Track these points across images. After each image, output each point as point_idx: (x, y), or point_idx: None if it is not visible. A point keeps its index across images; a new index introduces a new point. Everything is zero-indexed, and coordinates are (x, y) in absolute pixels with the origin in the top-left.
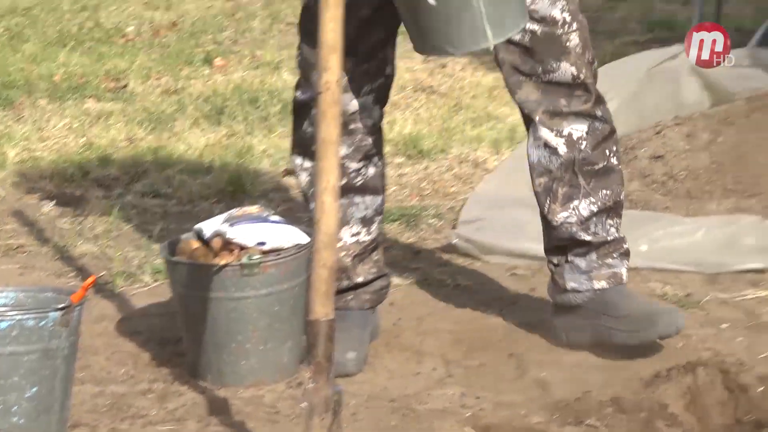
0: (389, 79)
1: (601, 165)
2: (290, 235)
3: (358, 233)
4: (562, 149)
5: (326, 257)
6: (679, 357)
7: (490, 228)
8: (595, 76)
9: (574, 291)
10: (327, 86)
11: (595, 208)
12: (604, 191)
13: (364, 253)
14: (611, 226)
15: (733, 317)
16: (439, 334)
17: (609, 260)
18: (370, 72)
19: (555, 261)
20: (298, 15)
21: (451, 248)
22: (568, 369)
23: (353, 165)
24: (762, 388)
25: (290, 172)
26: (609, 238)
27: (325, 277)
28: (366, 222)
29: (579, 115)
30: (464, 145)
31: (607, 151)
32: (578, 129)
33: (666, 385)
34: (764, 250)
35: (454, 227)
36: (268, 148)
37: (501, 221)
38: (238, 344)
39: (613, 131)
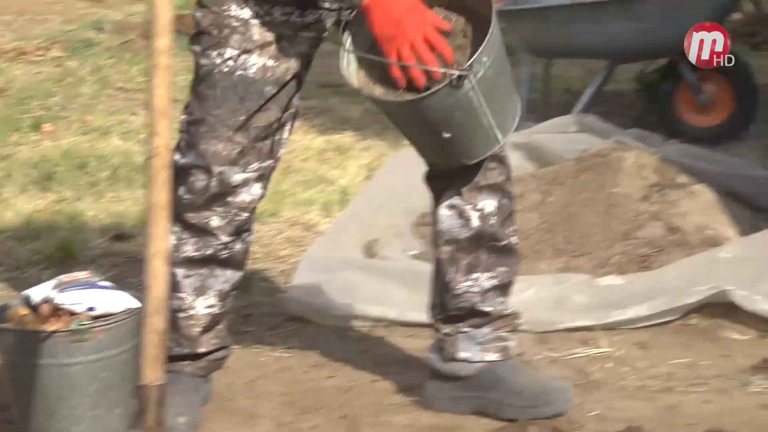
0: (278, 162)
1: (504, 242)
2: (120, 300)
3: (212, 306)
4: (475, 222)
5: (156, 322)
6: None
7: (321, 290)
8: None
9: (466, 361)
10: (157, 151)
11: (496, 282)
12: (503, 268)
13: (211, 324)
14: (505, 301)
15: (563, 375)
16: (271, 397)
17: (502, 333)
18: (262, 151)
19: (447, 330)
20: (132, 80)
21: (282, 311)
22: (399, 430)
23: (223, 238)
24: None
25: (119, 237)
26: (506, 312)
27: (156, 342)
28: (223, 296)
29: (493, 189)
30: (295, 208)
31: (510, 229)
32: (490, 204)
33: None
34: (594, 308)
35: (285, 291)
36: (98, 213)
37: (332, 283)
38: (69, 410)
39: (515, 209)
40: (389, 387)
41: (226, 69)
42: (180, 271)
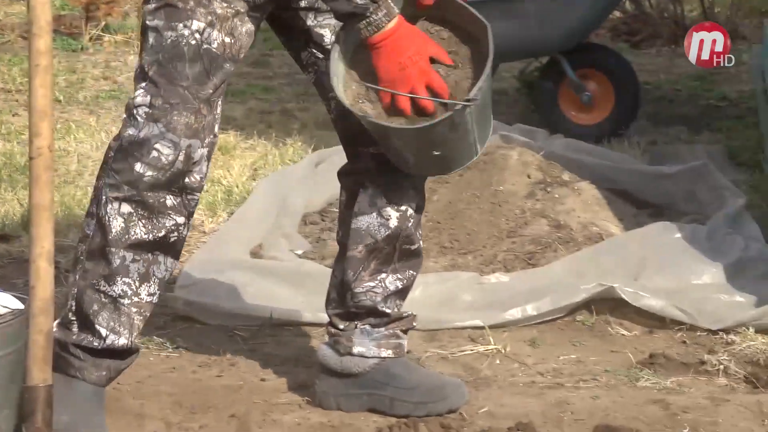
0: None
1: (416, 246)
2: (4, 302)
3: (153, 294)
4: (394, 223)
5: (42, 323)
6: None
7: (209, 290)
8: None
9: (361, 356)
10: (39, 152)
11: (400, 285)
12: (410, 272)
13: (148, 315)
14: (402, 304)
15: (452, 372)
16: (159, 397)
17: (398, 332)
18: (214, 127)
19: (342, 326)
20: (14, 80)
21: (170, 311)
22: (289, 428)
23: (178, 219)
24: None
25: (2, 237)
26: (404, 315)
27: (42, 343)
28: (162, 285)
29: (416, 190)
30: None
31: (420, 233)
32: (411, 205)
33: None
34: (481, 306)
35: (172, 290)
36: None
37: (220, 284)
38: None
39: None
40: (278, 386)
41: (193, 42)
42: (128, 255)
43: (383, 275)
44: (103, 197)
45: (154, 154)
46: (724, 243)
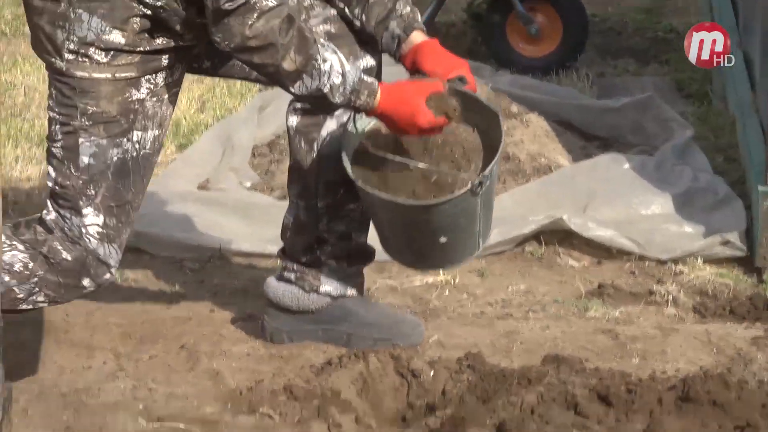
0: None
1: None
2: None
3: None
4: None
5: None
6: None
7: (157, 221)
8: None
9: (327, 295)
10: None
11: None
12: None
13: None
14: (365, 237)
15: (402, 303)
16: (108, 329)
17: (362, 270)
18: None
19: (305, 259)
20: None
21: None
22: (239, 359)
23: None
24: (432, 373)
25: None
26: (369, 250)
27: None
28: None
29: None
30: None
31: None
32: None
33: (338, 372)
34: None
35: None
36: None
37: (168, 215)
38: None
39: None
40: (227, 317)
41: (134, 153)
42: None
43: (353, 205)
44: (35, 289)
45: (107, 276)
46: (673, 174)
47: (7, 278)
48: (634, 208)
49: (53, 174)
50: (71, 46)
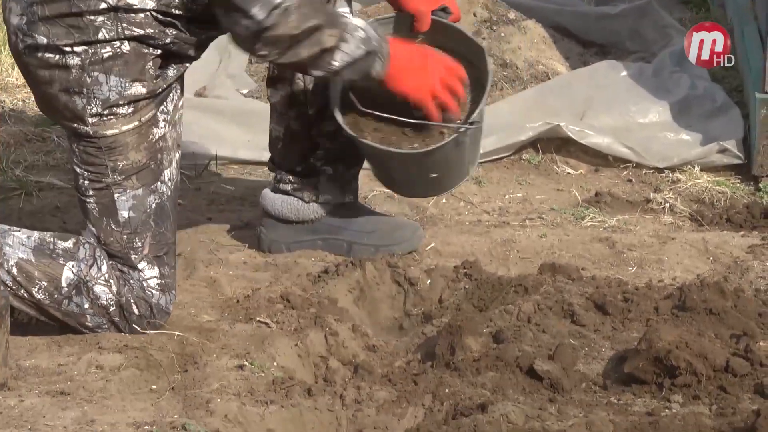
0: None
1: None
2: None
3: None
4: None
5: None
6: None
7: None
8: None
9: (326, 203)
10: None
11: None
12: None
13: None
14: None
15: (399, 212)
16: None
17: (355, 171)
18: None
19: (300, 169)
20: None
21: None
22: (236, 267)
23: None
24: (429, 281)
25: None
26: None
27: None
28: None
29: None
30: None
31: None
32: None
33: (335, 281)
34: None
35: None
36: None
37: None
38: None
39: None
40: (224, 225)
41: (170, 192)
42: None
43: None
44: (104, 325)
45: (165, 319)
46: (670, 81)
47: (87, 305)
48: (632, 116)
49: (94, 230)
50: (94, 110)
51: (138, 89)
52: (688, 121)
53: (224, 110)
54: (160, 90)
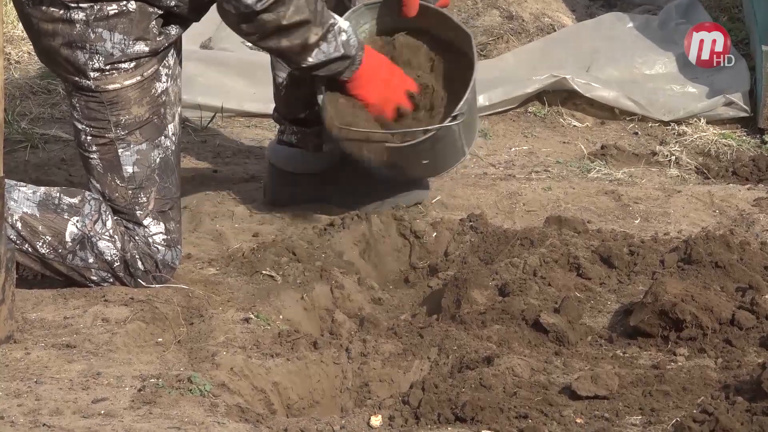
0: None
1: None
2: None
3: None
4: None
5: None
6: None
7: None
8: None
9: (330, 154)
10: None
11: None
12: None
13: None
14: None
15: None
16: None
17: None
18: None
19: (303, 115)
20: None
21: None
22: (242, 220)
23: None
24: (435, 234)
25: None
26: None
27: None
28: None
29: None
30: None
31: None
32: None
33: (341, 234)
34: None
35: None
36: None
37: None
38: None
39: None
40: (229, 177)
41: (174, 147)
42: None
43: None
44: (109, 279)
45: (171, 275)
46: (676, 33)
47: (91, 260)
48: (638, 68)
49: (98, 186)
50: (96, 65)
51: (141, 47)
52: (694, 73)
53: (230, 62)
54: (162, 48)
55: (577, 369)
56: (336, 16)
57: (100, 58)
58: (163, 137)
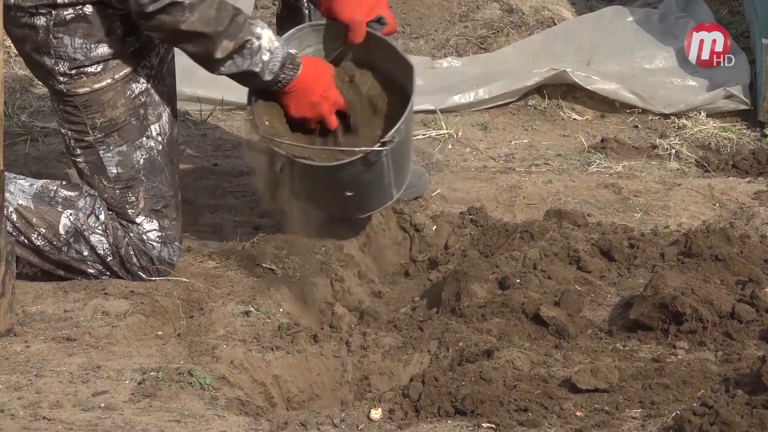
0: None
1: None
2: None
3: None
4: None
5: None
6: None
7: None
8: None
9: None
10: None
11: None
12: None
13: None
14: None
15: None
16: None
17: None
18: None
19: None
20: None
21: None
22: (241, 213)
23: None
24: (435, 227)
25: None
26: None
27: None
28: None
29: None
30: None
31: None
32: None
33: (341, 227)
34: (433, 90)
35: None
36: None
37: None
38: None
39: None
40: (229, 170)
41: (159, 147)
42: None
43: None
44: (106, 273)
45: (170, 271)
46: (677, 26)
47: (86, 252)
48: (638, 62)
49: (90, 189)
50: (62, 70)
51: (104, 49)
52: (694, 66)
53: None
54: (131, 49)
55: (577, 362)
56: (263, 34)
57: (65, 63)
58: (144, 138)
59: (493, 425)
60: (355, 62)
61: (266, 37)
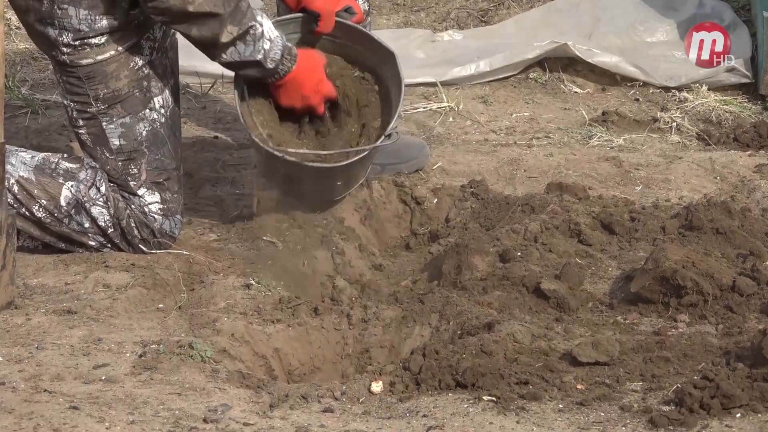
0: None
1: None
2: None
3: None
4: None
5: None
6: None
7: None
8: None
9: None
10: None
11: None
12: None
13: None
14: None
15: (406, 131)
16: None
17: None
18: None
19: None
20: None
21: None
22: (242, 186)
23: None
24: (436, 200)
25: None
26: None
27: None
28: None
29: None
30: None
31: None
32: None
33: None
34: (434, 63)
35: None
36: None
37: None
38: None
39: None
40: (229, 143)
41: (163, 119)
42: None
43: None
44: (107, 245)
45: (172, 244)
46: (678, 0)
47: (87, 224)
48: (639, 35)
49: (91, 162)
50: (66, 41)
51: (109, 21)
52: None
53: None
54: (137, 21)
55: (578, 335)
56: (264, 22)
57: (69, 34)
58: (148, 110)
59: (493, 398)
60: (336, 53)
61: (267, 25)
